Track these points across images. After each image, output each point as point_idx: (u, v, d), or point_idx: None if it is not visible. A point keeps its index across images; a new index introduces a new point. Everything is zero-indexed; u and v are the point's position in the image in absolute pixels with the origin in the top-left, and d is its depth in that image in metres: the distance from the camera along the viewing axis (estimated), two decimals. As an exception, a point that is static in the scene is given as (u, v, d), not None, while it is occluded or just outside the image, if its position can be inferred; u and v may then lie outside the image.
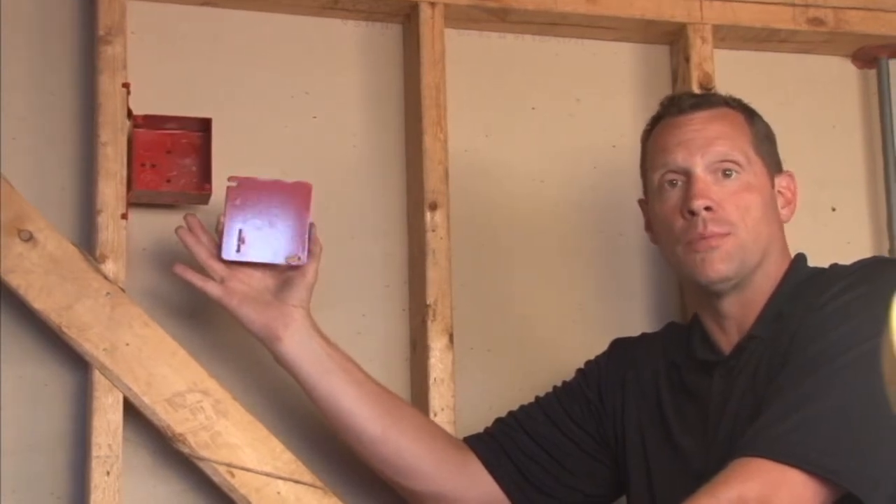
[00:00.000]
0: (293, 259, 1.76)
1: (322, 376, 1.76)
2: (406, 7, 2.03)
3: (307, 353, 1.76)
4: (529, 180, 2.10)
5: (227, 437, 1.81)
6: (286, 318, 1.75)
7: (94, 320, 1.80)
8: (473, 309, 2.02)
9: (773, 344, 1.66)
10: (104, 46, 1.87)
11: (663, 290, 2.11)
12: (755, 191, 1.72)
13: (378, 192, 2.03)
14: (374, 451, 1.79)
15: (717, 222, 1.70)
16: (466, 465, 1.82)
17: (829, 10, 2.16)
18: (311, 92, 2.03)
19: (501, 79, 2.12)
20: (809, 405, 1.54)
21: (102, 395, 1.79)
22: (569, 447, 1.83)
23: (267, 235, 1.76)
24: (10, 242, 1.79)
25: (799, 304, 1.67)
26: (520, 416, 1.86)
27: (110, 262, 1.82)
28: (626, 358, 1.85)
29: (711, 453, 1.66)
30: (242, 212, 1.76)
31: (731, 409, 1.67)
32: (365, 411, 1.77)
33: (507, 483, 1.82)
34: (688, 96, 1.84)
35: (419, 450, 1.79)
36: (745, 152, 1.73)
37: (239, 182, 1.77)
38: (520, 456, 1.83)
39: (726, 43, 2.16)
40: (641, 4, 2.11)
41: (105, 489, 1.77)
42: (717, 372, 1.71)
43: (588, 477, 1.84)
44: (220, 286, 1.76)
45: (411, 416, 1.82)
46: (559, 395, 1.87)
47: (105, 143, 1.85)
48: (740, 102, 1.79)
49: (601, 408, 1.83)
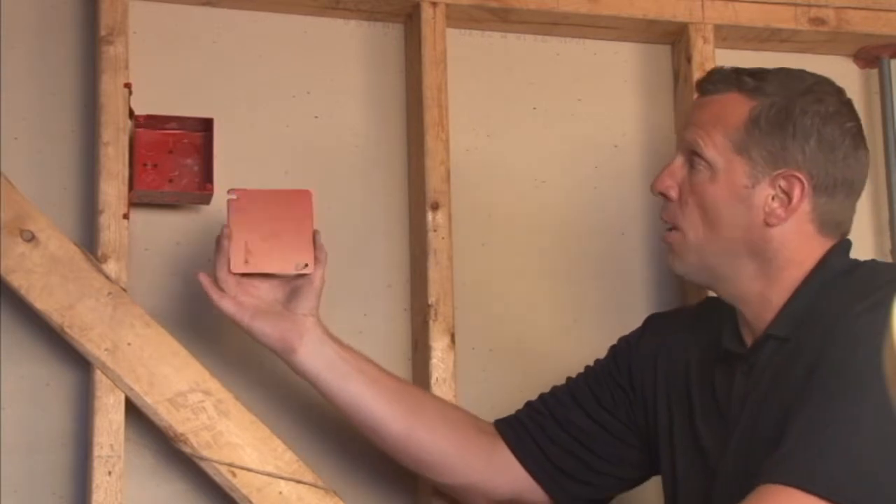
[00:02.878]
0: (301, 267, 1.75)
1: (339, 382, 1.76)
2: (408, 7, 2.03)
3: (323, 360, 1.75)
4: (531, 180, 2.10)
5: (228, 437, 1.81)
6: (300, 329, 1.74)
7: (96, 320, 1.80)
8: (475, 309, 2.02)
9: (800, 347, 1.59)
10: (106, 46, 1.87)
11: (664, 290, 2.11)
12: (722, 186, 1.64)
13: (380, 191, 2.03)
14: (399, 449, 1.80)
15: (669, 212, 1.69)
16: (493, 453, 1.81)
17: (831, 10, 2.16)
18: (313, 92, 2.03)
19: (503, 79, 2.12)
20: (839, 432, 1.48)
21: (104, 395, 1.79)
22: (599, 433, 1.81)
23: (273, 246, 1.75)
24: (12, 242, 1.79)
25: (832, 305, 1.59)
26: (549, 402, 1.84)
27: (112, 261, 1.82)
28: (660, 335, 1.82)
29: (727, 453, 1.64)
30: (247, 224, 1.75)
31: (750, 411, 1.63)
32: (386, 411, 1.77)
33: (536, 470, 1.81)
34: (710, 74, 1.73)
35: (443, 443, 1.79)
36: (719, 145, 1.64)
37: (239, 195, 1.76)
38: (548, 444, 1.81)
39: (728, 43, 2.15)
40: (643, 4, 2.11)
41: (107, 489, 1.77)
42: (738, 369, 1.66)
43: (620, 462, 1.82)
44: (233, 303, 1.74)
45: (434, 408, 1.82)
46: (589, 379, 1.84)
47: (107, 143, 1.85)
48: (758, 87, 1.66)
49: (631, 392, 1.81)
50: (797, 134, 1.64)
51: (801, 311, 1.63)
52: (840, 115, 1.67)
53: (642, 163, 2.14)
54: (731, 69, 1.71)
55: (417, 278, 1.98)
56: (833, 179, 1.65)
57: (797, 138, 1.64)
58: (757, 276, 1.66)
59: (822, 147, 1.64)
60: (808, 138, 1.64)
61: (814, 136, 1.64)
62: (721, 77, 1.70)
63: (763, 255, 1.65)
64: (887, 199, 2.20)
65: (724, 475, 1.64)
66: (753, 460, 1.56)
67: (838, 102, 1.68)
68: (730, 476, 1.62)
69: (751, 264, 1.66)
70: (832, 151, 1.65)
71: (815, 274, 1.65)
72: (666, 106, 2.16)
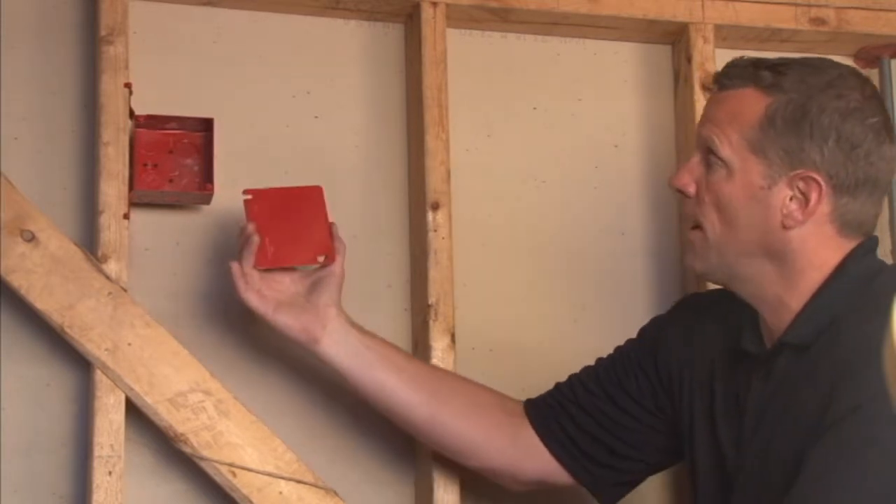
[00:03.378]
0: (322, 259, 1.78)
1: (364, 371, 1.78)
2: (408, 7, 2.03)
3: (346, 349, 1.77)
4: (531, 180, 2.10)
5: (229, 437, 1.81)
6: (322, 320, 1.76)
7: (96, 320, 1.80)
8: (475, 309, 2.01)
9: (817, 366, 1.55)
10: (106, 46, 1.87)
11: (665, 290, 2.10)
12: (738, 186, 1.61)
13: (380, 191, 2.03)
14: (425, 434, 1.82)
15: (688, 208, 1.67)
16: (519, 436, 1.82)
17: (831, 10, 2.16)
18: (313, 92, 2.03)
19: (503, 78, 2.12)
20: (846, 486, 1.45)
21: (104, 396, 1.79)
22: (626, 420, 1.80)
23: (293, 241, 1.79)
24: (12, 242, 1.79)
25: (850, 324, 1.54)
26: (577, 387, 1.83)
27: (112, 262, 1.82)
28: (692, 318, 1.79)
29: (745, 459, 1.61)
30: (265, 222, 1.78)
31: (769, 419, 1.59)
32: (411, 398, 1.79)
33: (562, 455, 1.81)
34: (728, 67, 1.67)
35: (469, 428, 1.80)
36: (735, 143, 1.60)
37: (254, 195, 1.79)
38: (574, 429, 1.81)
39: (728, 42, 2.15)
40: (643, 4, 2.10)
41: (107, 489, 1.77)
42: (755, 374, 1.63)
43: (647, 448, 1.81)
44: (258, 296, 1.76)
45: (459, 392, 1.83)
46: (617, 365, 1.82)
47: (107, 143, 1.85)
48: (775, 83, 1.61)
49: (657, 379, 1.78)
50: (815, 133, 1.58)
51: (820, 319, 1.58)
52: (861, 111, 1.60)
53: (642, 163, 2.14)
54: (749, 61, 1.65)
55: (417, 278, 1.98)
56: (854, 179, 1.59)
57: (815, 138, 1.58)
58: (775, 279, 1.62)
59: (842, 146, 1.58)
60: (826, 138, 1.58)
61: (832, 136, 1.58)
62: (738, 71, 1.64)
63: (781, 258, 1.61)
64: (887, 199, 2.20)
65: (740, 491, 1.62)
66: (768, 483, 1.55)
67: (860, 97, 1.61)
68: (747, 494, 1.61)
69: (769, 266, 1.62)
70: (853, 150, 1.59)
71: (833, 279, 1.60)
72: (666, 106, 2.16)
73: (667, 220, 2.12)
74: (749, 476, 1.61)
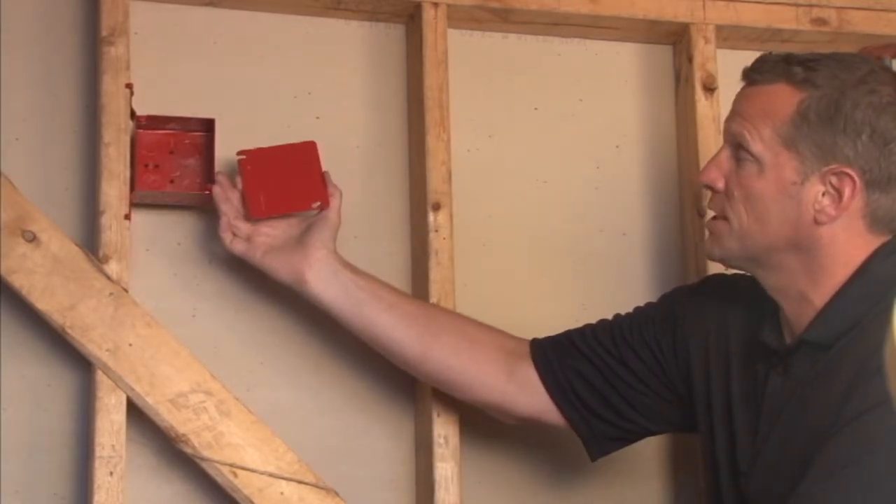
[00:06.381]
0: (316, 204, 1.83)
1: (354, 309, 1.80)
2: (409, 7, 2.03)
3: (335, 288, 1.80)
4: (532, 180, 2.10)
5: (230, 438, 1.81)
6: (310, 260, 1.80)
7: (98, 321, 1.80)
8: (476, 309, 2.01)
9: (836, 371, 1.54)
10: (107, 47, 1.87)
11: (666, 290, 2.10)
12: (769, 181, 1.60)
13: (381, 192, 2.03)
14: (419, 370, 1.84)
15: (716, 203, 1.66)
16: (516, 373, 1.82)
17: (833, 10, 2.16)
18: (314, 92, 2.03)
19: (504, 79, 2.12)
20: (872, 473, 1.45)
21: (105, 396, 1.79)
22: (635, 384, 1.78)
23: (286, 190, 1.83)
24: (14, 243, 1.79)
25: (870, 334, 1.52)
26: (589, 340, 1.82)
27: (113, 262, 1.82)
28: (714, 297, 1.78)
29: (760, 455, 1.61)
30: (259, 177, 1.82)
31: (788, 416, 1.59)
32: (403, 335, 1.80)
33: (562, 401, 1.80)
34: (758, 62, 1.67)
35: (461, 363, 1.81)
36: (767, 139, 1.60)
37: (248, 154, 1.83)
38: (579, 383, 1.80)
39: (729, 43, 2.15)
40: (644, 5, 2.10)
41: (108, 489, 1.77)
42: (775, 368, 1.62)
43: (653, 414, 1.80)
44: (245, 243, 1.81)
45: (452, 328, 1.84)
46: (634, 329, 1.80)
47: (108, 144, 1.85)
48: (807, 78, 1.60)
49: (672, 353, 1.77)
50: (848, 128, 1.57)
51: (841, 320, 1.58)
52: (894, 106, 1.59)
53: (644, 163, 2.14)
54: (780, 56, 1.64)
55: (419, 279, 1.98)
56: (888, 174, 1.58)
57: (848, 133, 1.57)
58: (800, 274, 1.61)
59: (876, 141, 1.58)
60: (860, 133, 1.57)
61: (866, 130, 1.57)
62: (769, 66, 1.63)
63: (810, 253, 1.60)
64: (889, 199, 2.20)
65: (755, 490, 1.62)
66: (782, 475, 1.55)
67: (893, 92, 1.60)
68: (760, 493, 1.61)
69: (795, 260, 1.61)
70: (886, 145, 1.58)
71: (858, 277, 1.59)
72: (667, 106, 2.16)
73: (668, 220, 2.12)
74: (765, 470, 1.60)
